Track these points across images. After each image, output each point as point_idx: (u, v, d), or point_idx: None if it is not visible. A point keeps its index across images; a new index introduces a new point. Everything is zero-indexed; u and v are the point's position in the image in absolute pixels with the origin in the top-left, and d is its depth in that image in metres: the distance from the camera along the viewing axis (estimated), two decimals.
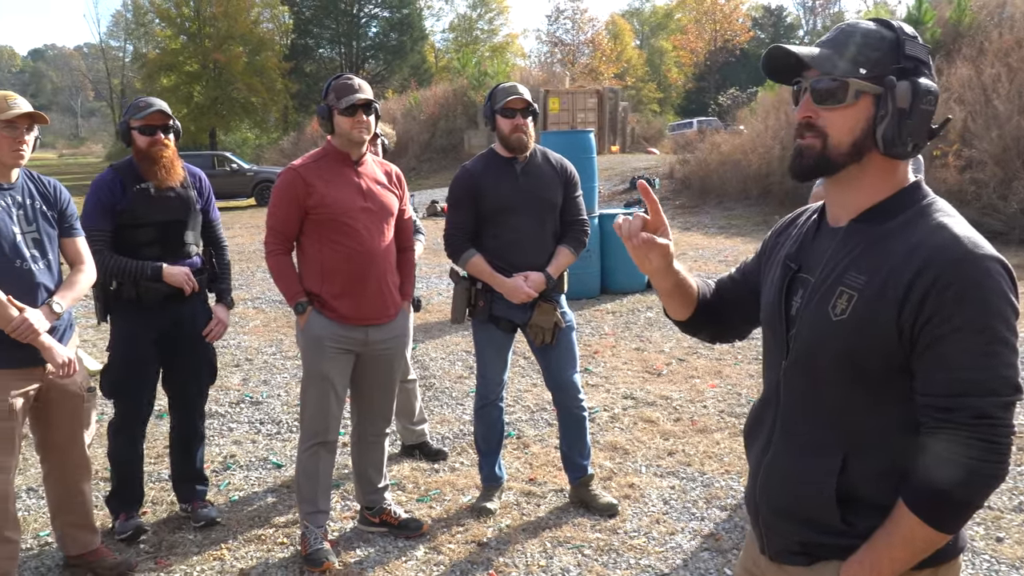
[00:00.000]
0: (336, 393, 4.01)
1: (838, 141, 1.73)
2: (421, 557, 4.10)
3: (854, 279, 1.70)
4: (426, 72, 56.38)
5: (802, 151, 1.77)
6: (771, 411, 1.89)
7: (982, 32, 16.97)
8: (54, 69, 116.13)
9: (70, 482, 3.87)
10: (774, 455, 1.86)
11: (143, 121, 4.15)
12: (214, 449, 5.57)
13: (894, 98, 1.68)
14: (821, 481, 1.74)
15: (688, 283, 2.05)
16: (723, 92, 37.78)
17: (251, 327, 9.32)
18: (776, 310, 1.88)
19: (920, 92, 1.68)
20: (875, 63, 1.70)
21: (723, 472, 5.02)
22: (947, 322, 1.58)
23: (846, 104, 1.71)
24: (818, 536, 1.77)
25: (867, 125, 1.71)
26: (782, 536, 1.85)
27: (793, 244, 1.91)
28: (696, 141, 22.31)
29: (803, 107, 1.76)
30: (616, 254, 10.46)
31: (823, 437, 1.76)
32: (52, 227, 3.67)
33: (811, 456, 1.77)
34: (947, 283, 1.58)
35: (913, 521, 1.62)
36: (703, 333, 2.19)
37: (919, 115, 1.69)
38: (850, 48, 1.72)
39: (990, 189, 13.02)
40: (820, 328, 1.74)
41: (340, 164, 3.97)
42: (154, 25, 56.23)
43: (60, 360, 3.49)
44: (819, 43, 1.78)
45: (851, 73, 1.70)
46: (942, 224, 1.67)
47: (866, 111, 1.70)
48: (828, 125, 1.73)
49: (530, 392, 6.63)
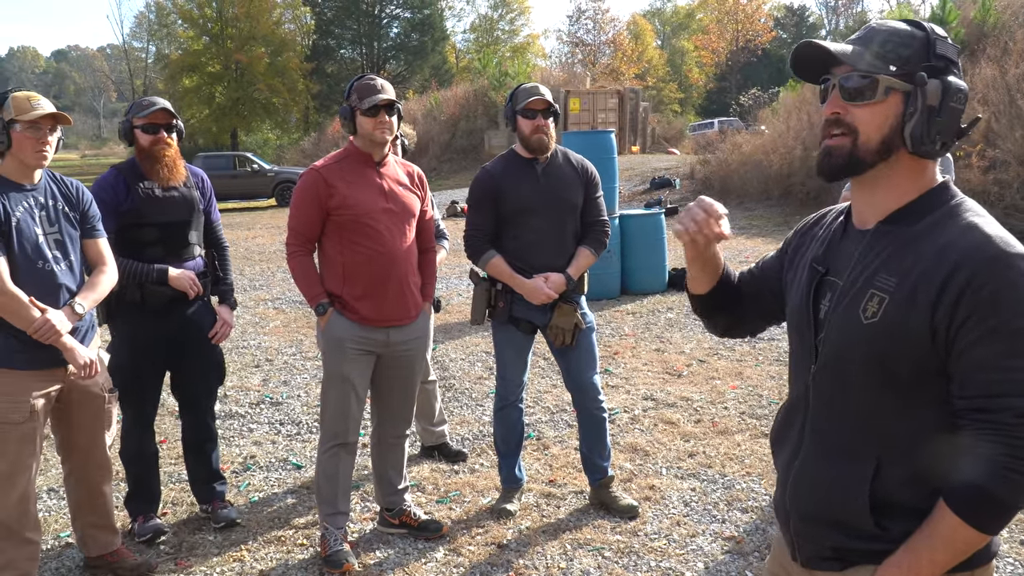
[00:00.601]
0: (356, 394, 4.01)
1: (867, 138, 1.71)
2: (441, 559, 4.10)
3: (884, 281, 1.68)
4: (447, 73, 56.44)
5: (831, 150, 1.75)
6: (800, 416, 1.87)
7: (1007, 32, 16.82)
8: (77, 70, 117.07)
9: (91, 483, 3.88)
10: (804, 461, 1.84)
11: (146, 119, 4.14)
12: (234, 450, 5.59)
13: (924, 95, 1.67)
14: (854, 487, 1.72)
15: (719, 255, 2.03)
16: (744, 92, 37.67)
17: (271, 328, 9.35)
18: (804, 314, 1.86)
19: (951, 90, 1.67)
20: (905, 60, 1.69)
21: (744, 474, 4.99)
22: (983, 323, 1.57)
23: (876, 100, 1.69)
24: (851, 541, 1.75)
25: (896, 122, 1.69)
26: (814, 542, 1.83)
27: (820, 246, 1.90)
28: (717, 141, 22.20)
29: (831, 103, 1.75)
30: (637, 255, 10.44)
31: (854, 442, 1.75)
32: (74, 228, 3.68)
33: (843, 462, 1.76)
34: (981, 283, 1.57)
35: (955, 522, 1.60)
36: (718, 318, 2.17)
37: (949, 113, 1.67)
38: (880, 45, 1.70)
39: (1013, 190, 12.91)
40: (850, 331, 1.72)
41: (362, 165, 3.96)
42: (176, 26, 56.62)
43: (82, 361, 3.50)
44: (849, 40, 1.76)
45: (881, 69, 1.68)
46: (973, 224, 1.65)
47: (895, 108, 1.69)
48: (857, 122, 1.71)
49: (550, 393, 6.62)
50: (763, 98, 31.96)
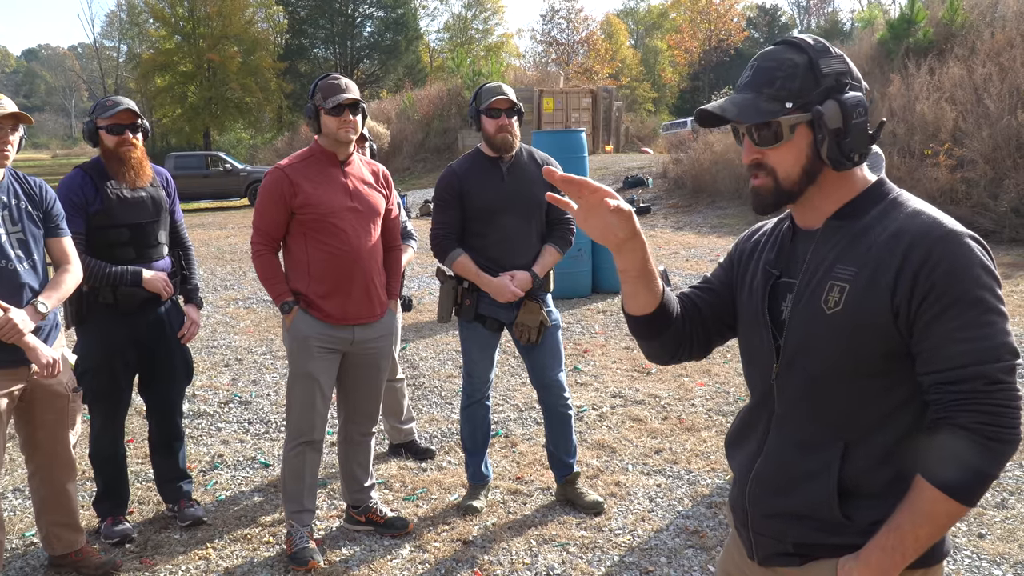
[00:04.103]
0: (322, 392, 4.02)
1: (786, 174, 1.78)
2: (406, 556, 4.12)
3: (843, 271, 1.73)
4: (421, 72, 56.33)
5: (759, 191, 1.82)
6: (764, 417, 1.90)
7: (974, 32, 17.03)
8: (48, 69, 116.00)
9: (55, 482, 3.87)
10: (767, 458, 1.87)
11: (110, 120, 4.12)
12: (202, 449, 5.59)
13: (825, 122, 1.71)
14: (822, 476, 1.76)
15: (654, 271, 1.87)
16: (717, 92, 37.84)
17: (242, 327, 9.33)
18: (761, 316, 1.88)
19: (848, 108, 1.72)
20: (798, 93, 1.73)
21: (709, 470, 5.04)
22: (943, 297, 1.62)
23: (785, 140, 1.75)
24: (815, 534, 1.78)
25: (811, 151, 1.75)
26: (776, 538, 1.85)
27: (771, 251, 1.93)
28: (689, 141, 22.26)
29: (747, 150, 1.81)
30: (608, 254, 10.43)
31: (823, 434, 1.78)
32: (37, 227, 3.67)
33: (811, 454, 1.78)
34: (937, 260, 1.63)
35: (935, 496, 1.63)
36: (664, 337, 1.98)
37: (854, 130, 1.72)
38: (769, 86, 1.75)
39: (981, 188, 13.05)
40: (814, 324, 1.75)
41: (327, 164, 3.98)
42: (148, 25, 56.19)
43: (45, 360, 3.49)
44: (739, 87, 1.80)
45: (778, 111, 1.73)
46: (918, 210, 1.72)
47: (806, 138, 1.75)
48: (774, 163, 1.78)
49: (519, 391, 6.65)
50: None
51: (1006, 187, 12.74)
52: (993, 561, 3.90)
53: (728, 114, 1.75)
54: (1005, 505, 4.44)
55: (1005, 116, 13.33)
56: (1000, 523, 4.25)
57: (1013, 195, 12.55)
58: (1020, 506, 4.42)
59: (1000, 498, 4.51)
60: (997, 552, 3.97)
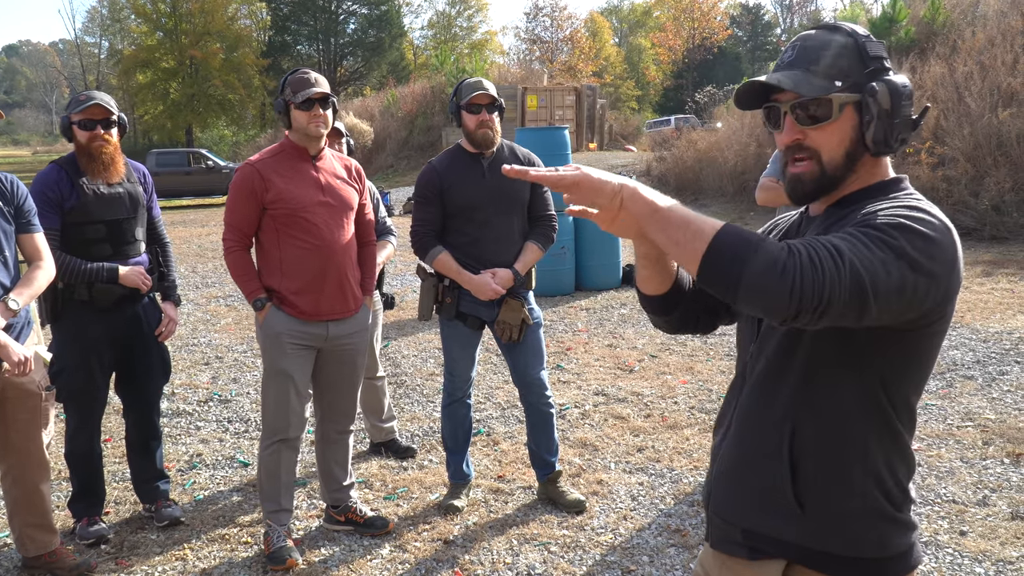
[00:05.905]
0: (297, 390, 3.97)
1: (831, 156, 1.72)
2: (387, 555, 4.08)
3: None
4: (404, 69, 56.26)
5: (800, 177, 1.75)
6: (735, 397, 1.90)
7: (955, 30, 17.09)
8: (29, 65, 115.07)
9: (28, 482, 3.81)
10: (731, 437, 1.87)
11: (83, 115, 4.05)
12: (180, 448, 5.53)
13: (877, 102, 1.68)
14: (774, 451, 1.75)
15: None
16: (700, 90, 37.81)
17: (222, 325, 9.26)
18: None
19: (897, 90, 1.69)
20: (847, 72, 1.70)
21: (692, 468, 5.02)
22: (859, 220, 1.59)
23: (833, 120, 1.70)
24: (767, 520, 1.77)
25: (855, 133, 1.71)
26: (728, 521, 1.85)
27: (779, 236, 1.94)
28: (673, 138, 22.33)
29: (789, 131, 1.74)
30: (591, 251, 10.45)
31: (779, 407, 1.76)
32: (8, 223, 3.60)
33: (767, 429, 1.77)
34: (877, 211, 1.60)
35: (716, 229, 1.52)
36: (675, 314, 1.98)
37: (902, 111, 1.69)
38: (820, 62, 1.71)
39: (962, 186, 13.10)
40: None
41: (298, 159, 3.93)
42: (130, 21, 56.02)
43: (16, 358, 3.43)
44: (785, 63, 1.76)
45: (830, 88, 1.69)
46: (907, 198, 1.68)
47: (851, 120, 1.70)
48: (818, 144, 1.72)
49: (501, 389, 6.61)
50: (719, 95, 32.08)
51: (987, 185, 12.79)
52: (975, 559, 3.89)
53: (784, 84, 1.69)
54: (987, 503, 4.43)
55: (986, 114, 13.38)
56: (982, 520, 4.24)
57: (994, 193, 12.60)
58: (1001, 504, 4.42)
59: (981, 496, 4.50)
60: (979, 549, 3.96)
